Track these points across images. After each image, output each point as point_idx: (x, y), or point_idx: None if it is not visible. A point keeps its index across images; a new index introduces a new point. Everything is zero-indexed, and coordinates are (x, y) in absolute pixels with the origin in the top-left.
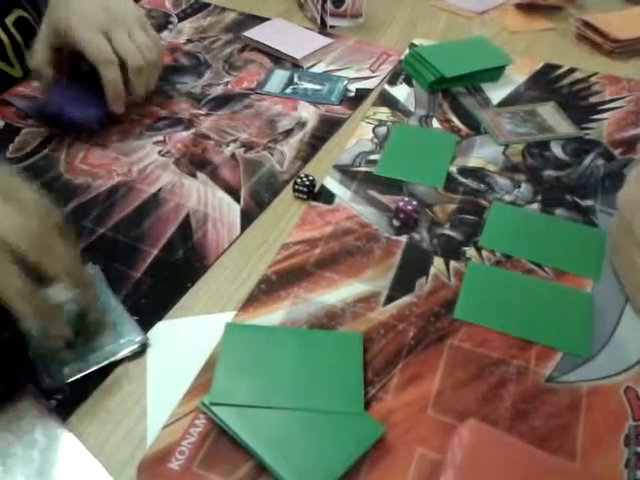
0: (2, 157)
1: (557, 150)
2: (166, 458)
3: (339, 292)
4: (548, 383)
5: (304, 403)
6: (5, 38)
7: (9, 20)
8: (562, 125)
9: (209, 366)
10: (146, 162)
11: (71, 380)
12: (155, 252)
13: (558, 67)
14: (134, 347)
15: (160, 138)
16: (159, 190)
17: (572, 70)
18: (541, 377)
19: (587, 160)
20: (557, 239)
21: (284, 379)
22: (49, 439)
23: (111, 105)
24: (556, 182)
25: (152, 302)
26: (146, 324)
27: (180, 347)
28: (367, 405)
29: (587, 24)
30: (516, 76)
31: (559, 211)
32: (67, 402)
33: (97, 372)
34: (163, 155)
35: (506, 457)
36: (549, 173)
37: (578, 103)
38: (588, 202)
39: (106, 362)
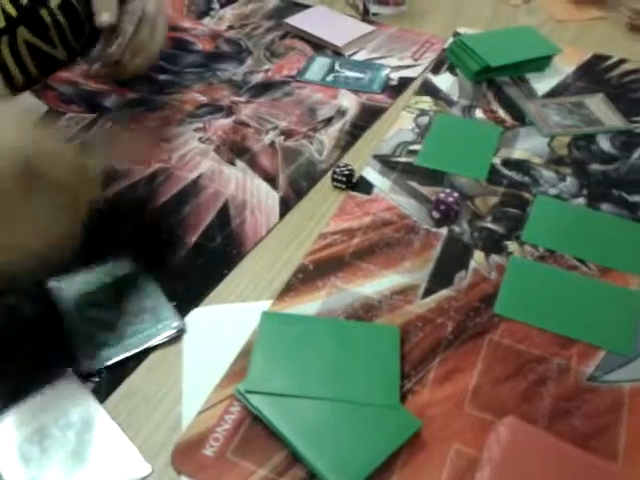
0: None
1: (605, 143)
2: (200, 444)
3: (376, 284)
4: (589, 382)
5: (339, 394)
6: (49, 20)
7: (54, 3)
8: (611, 118)
9: (244, 354)
10: (186, 149)
11: (108, 364)
12: (193, 239)
13: (608, 58)
14: (171, 332)
15: (200, 125)
16: (198, 177)
17: (622, 61)
18: (583, 376)
19: (636, 154)
20: (603, 235)
21: (320, 369)
22: (86, 421)
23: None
24: (603, 176)
25: (189, 288)
26: (183, 310)
27: (216, 334)
28: (403, 399)
29: (639, 13)
30: (563, 67)
31: (605, 206)
32: (104, 385)
33: (134, 356)
34: (203, 142)
35: (545, 456)
36: (596, 167)
37: (628, 95)
38: (636, 198)
39: (143, 347)
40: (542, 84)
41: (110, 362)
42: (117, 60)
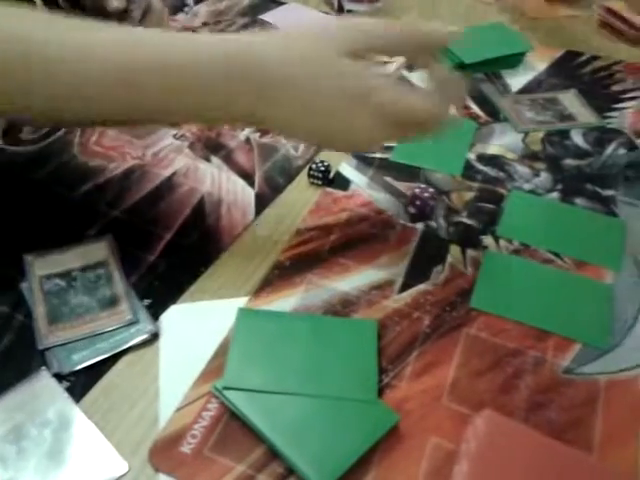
0: None
1: (578, 139)
2: (178, 441)
3: (353, 279)
4: (565, 375)
5: (317, 390)
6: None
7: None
8: (583, 113)
9: (222, 351)
10: (160, 145)
11: (79, 368)
12: (169, 236)
13: (580, 54)
14: (144, 337)
15: None
16: (173, 174)
17: (594, 58)
18: (558, 368)
19: (609, 149)
20: (577, 229)
21: (297, 365)
22: (62, 420)
23: None
24: (576, 171)
25: (165, 285)
26: (159, 307)
27: (193, 331)
28: (381, 393)
29: (610, 11)
30: (536, 63)
31: (579, 200)
32: (80, 383)
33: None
34: (178, 138)
35: (521, 448)
36: (569, 162)
37: (600, 91)
38: (609, 192)
39: (114, 352)
40: (516, 80)
41: (81, 366)
42: None
